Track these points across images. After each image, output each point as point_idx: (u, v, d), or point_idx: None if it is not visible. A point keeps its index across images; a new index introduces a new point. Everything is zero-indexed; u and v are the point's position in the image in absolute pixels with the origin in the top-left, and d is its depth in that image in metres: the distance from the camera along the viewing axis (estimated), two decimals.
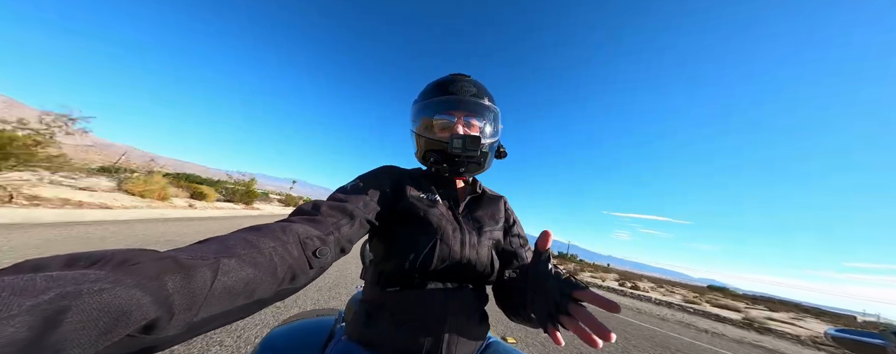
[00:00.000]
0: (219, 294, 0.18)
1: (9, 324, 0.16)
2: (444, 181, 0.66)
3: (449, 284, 0.51)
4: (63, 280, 0.16)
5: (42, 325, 0.16)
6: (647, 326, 7.86)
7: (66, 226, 4.75)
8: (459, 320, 0.49)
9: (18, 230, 4.06)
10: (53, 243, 3.73)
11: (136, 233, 5.20)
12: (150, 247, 0.22)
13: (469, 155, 0.57)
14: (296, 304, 3.35)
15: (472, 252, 0.53)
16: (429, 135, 0.63)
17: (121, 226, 5.53)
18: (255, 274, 0.21)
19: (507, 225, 0.69)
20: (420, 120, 0.67)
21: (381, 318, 0.49)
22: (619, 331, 6.20)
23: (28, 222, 4.62)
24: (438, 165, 0.60)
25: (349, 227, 0.41)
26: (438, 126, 0.63)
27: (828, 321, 20.82)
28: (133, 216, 7.03)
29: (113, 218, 6.30)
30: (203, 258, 0.18)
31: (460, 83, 0.65)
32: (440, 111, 0.63)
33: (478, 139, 0.55)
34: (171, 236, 5.48)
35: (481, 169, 0.65)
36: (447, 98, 0.63)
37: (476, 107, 0.64)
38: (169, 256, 0.17)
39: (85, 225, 5.11)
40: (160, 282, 0.16)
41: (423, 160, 0.66)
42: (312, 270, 0.30)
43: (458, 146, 0.55)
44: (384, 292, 0.50)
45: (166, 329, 0.16)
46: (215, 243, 0.21)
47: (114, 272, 0.16)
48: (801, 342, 10.72)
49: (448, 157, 0.58)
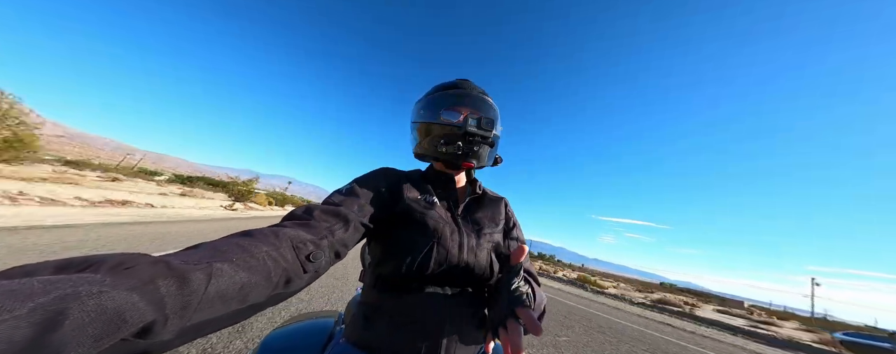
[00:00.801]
0: (212, 298, 0.18)
1: (8, 326, 0.16)
2: (442, 182, 0.66)
3: (447, 288, 0.50)
4: (60, 283, 0.16)
5: (41, 327, 0.16)
6: (574, 304, 11.59)
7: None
8: (458, 324, 0.47)
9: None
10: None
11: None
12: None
13: (483, 134, 0.58)
14: (296, 306, 3.34)
15: (471, 255, 0.51)
16: (441, 122, 0.63)
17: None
18: (248, 278, 0.20)
19: (506, 227, 0.67)
20: (427, 112, 0.67)
21: (379, 321, 0.47)
22: (551, 303, 10.03)
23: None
24: (452, 144, 0.59)
25: (343, 231, 0.40)
26: (447, 116, 0.63)
27: (722, 309, 25.98)
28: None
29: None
30: (196, 262, 0.18)
31: (467, 82, 0.70)
32: (448, 105, 0.64)
33: (492, 121, 0.58)
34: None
35: (484, 161, 0.64)
36: (457, 92, 0.66)
37: (483, 104, 0.65)
38: (162, 260, 0.17)
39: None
40: (155, 286, 0.16)
41: (433, 148, 0.63)
42: (307, 275, 0.29)
43: (474, 124, 0.57)
44: (382, 295, 0.49)
45: (160, 334, 0.16)
46: (208, 248, 0.20)
47: (109, 275, 0.16)
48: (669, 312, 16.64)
49: (462, 137, 0.59)
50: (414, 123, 0.71)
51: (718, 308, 26.13)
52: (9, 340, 0.16)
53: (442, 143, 0.60)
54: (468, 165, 0.63)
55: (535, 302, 0.45)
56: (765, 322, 19.89)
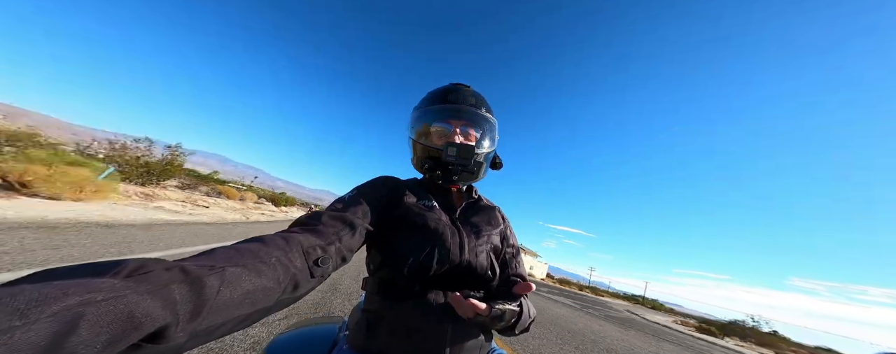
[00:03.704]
0: (224, 302, 0.18)
1: (30, 330, 0.16)
2: (440, 188, 0.66)
3: (449, 292, 0.48)
4: (79, 287, 0.17)
5: (61, 331, 0.17)
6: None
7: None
8: (460, 330, 0.47)
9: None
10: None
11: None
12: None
13: (462, 163, 0.57)
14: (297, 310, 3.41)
15: (471, 255, 0.52)
16: (425, 143, 0.63)
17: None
18: (259, 282, 0.21)
19: (503, 232, 0.68)
20: (418, 126, 0.67)
21: (381, 328, 0.47)
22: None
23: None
24: (432, 172, 0.60)
25: (349, 237, 0.40)
26: (436, 134, 0.63)
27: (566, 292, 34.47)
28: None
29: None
30: (210, 267, 0.18)
31: (460, 92, 0.67)
32: (438, 119, 0.64)
33: (472, 149, 0.57)
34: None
35: (475, 177, 0.65)
36: (446, 106, 0.64)
37: (474, 117, 0.65)
38: (177, 265, 0.17)
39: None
40: (169, 290, 0.17)
41: (419, 166, 0.66)
42: (314, 279, 0.29)
43: (452, 154, 0.56)
44: (384, 302, 0.49)
45: (173, 338, 0.17)
46: (221, 252, 0.21)
47: (125, 280, 0.17)
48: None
49: (442, 165, 0.59)
50: (408, 136, 0.72)
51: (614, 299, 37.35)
52: (29, 344, 0.17)
53: (425, 168, 0.62)
54: (453, 187, 0.68)
55: (520, 321, 0.46)
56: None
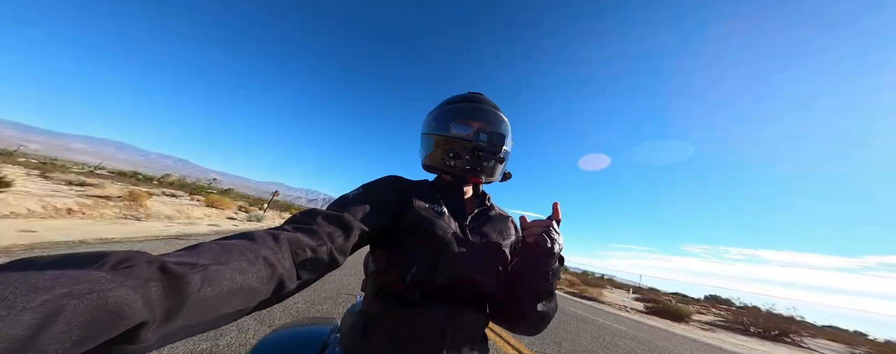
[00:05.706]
0: (203, 301, 0.18)
1: (15, 319, 0.17)
2: (451, 193, 0.64)
3: (451, 303, 0.47)
4: (66, 278, 0.17)
5: (45, 321, 0.17)
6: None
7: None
8: (459, 339, 0.45)
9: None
10: None
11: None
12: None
13: (493, 149, 0.57)
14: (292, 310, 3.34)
15: (479, 268, 0.49)
16: (451, 134, 0.62)
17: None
18: (243, 282, 0.20)
19: (515, 244, 0.64)
20: (437, 124, 0.66)
21: (378, 333, 0.45)
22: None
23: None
24: (459, 159, 0.58)
25: (343, 239, 0.37)
26: (459, 128, 0.62)
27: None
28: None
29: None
30: (192, 265, 0.18)
31: (480, 96, 0.69)
32: (459, 118, 0.63)
33: (503, 136, 0.57)
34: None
35: (493, 175, 0.64)
36: (469, 105, 0.65)
37: (495, 119, 0.64)
38: (158, 260, 0.17)
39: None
40: (151, 285, 0.17)
41: (442, 159, 0.62)
42: (301, 281, 0.27)
43: (484, 139, 0.56)
44: (383, 306, 0.47)
45: (152, 333, 0.17)
46: (207, 249, 0.20)
47: (111, 273, 0.17)
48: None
49: (472, 151, 0.58)
50: (424, 135, 0.70)
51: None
52: (8, 335, 0.17)
53: (450, 157, 0.59)
54: (476, 180, 0.64)
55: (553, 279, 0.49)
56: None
